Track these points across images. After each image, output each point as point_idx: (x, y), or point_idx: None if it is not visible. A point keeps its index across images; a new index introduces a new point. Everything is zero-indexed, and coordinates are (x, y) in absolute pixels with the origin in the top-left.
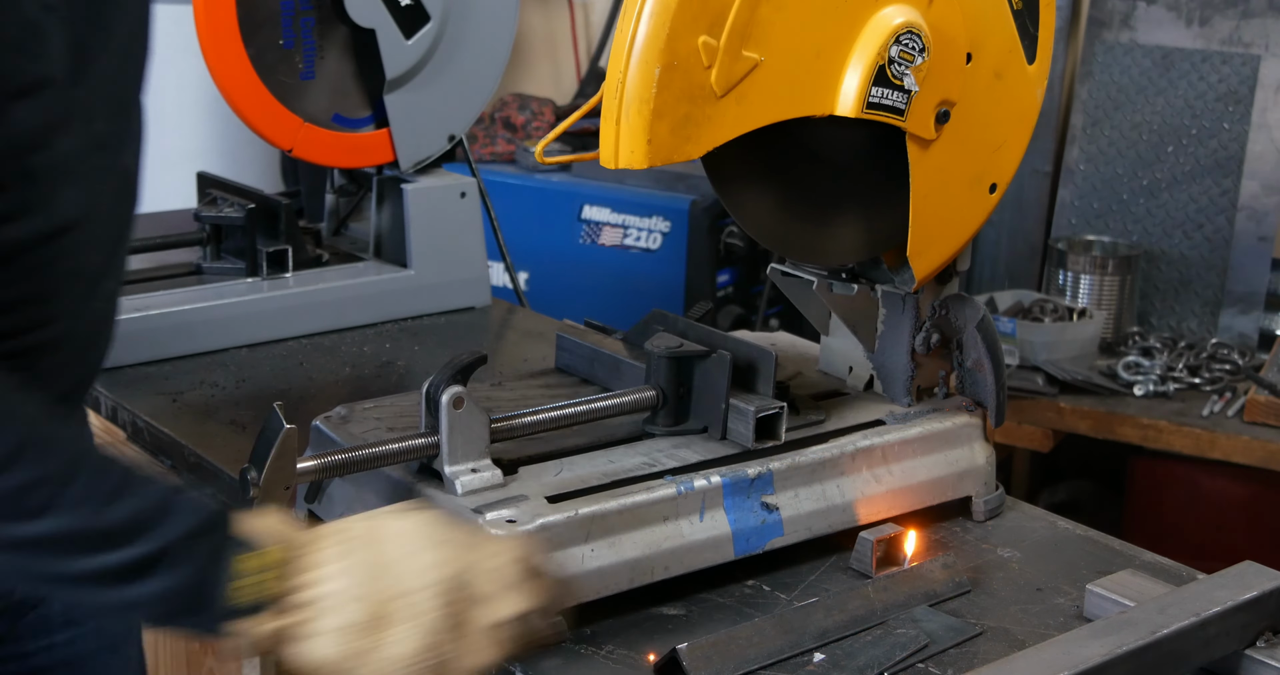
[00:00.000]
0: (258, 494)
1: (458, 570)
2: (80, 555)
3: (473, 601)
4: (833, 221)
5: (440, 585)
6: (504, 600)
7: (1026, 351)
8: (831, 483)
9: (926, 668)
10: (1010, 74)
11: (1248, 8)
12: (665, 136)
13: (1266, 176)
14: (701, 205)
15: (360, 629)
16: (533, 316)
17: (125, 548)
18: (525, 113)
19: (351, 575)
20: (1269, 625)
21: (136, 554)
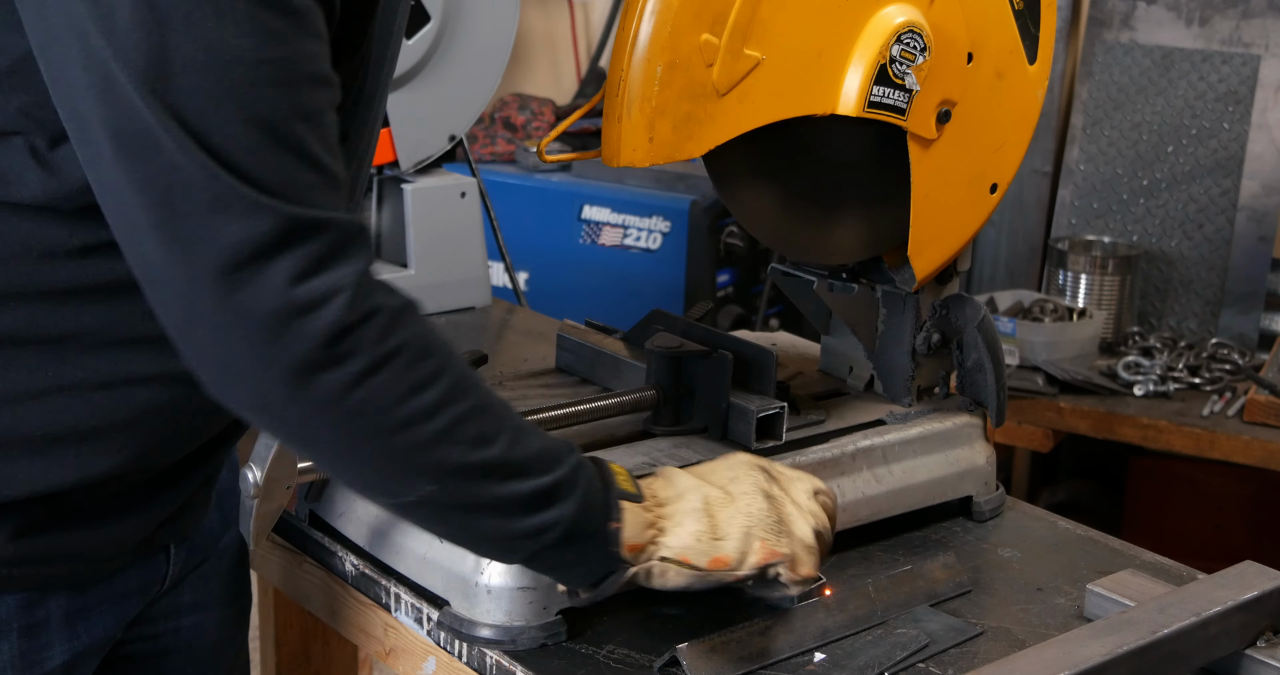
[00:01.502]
0: (258, 494)
1: (770, 471)
2: (507, 481)
3: (787, 486)
4: (833, 221)
5: (760, 473)
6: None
7: (1026, 351)
8: (832, 483)
9: (927, 668)
10: (1011, 74)
11: (1248, 8)
12: (667, 135)
13: (1266, 176)
14: (702, 205)
15: (713, 512)
16: (533, 316)
17: (540, 477)
18: (525, 113)
19: (688, 476)
20: (1269, 625)
21: (547, 483)
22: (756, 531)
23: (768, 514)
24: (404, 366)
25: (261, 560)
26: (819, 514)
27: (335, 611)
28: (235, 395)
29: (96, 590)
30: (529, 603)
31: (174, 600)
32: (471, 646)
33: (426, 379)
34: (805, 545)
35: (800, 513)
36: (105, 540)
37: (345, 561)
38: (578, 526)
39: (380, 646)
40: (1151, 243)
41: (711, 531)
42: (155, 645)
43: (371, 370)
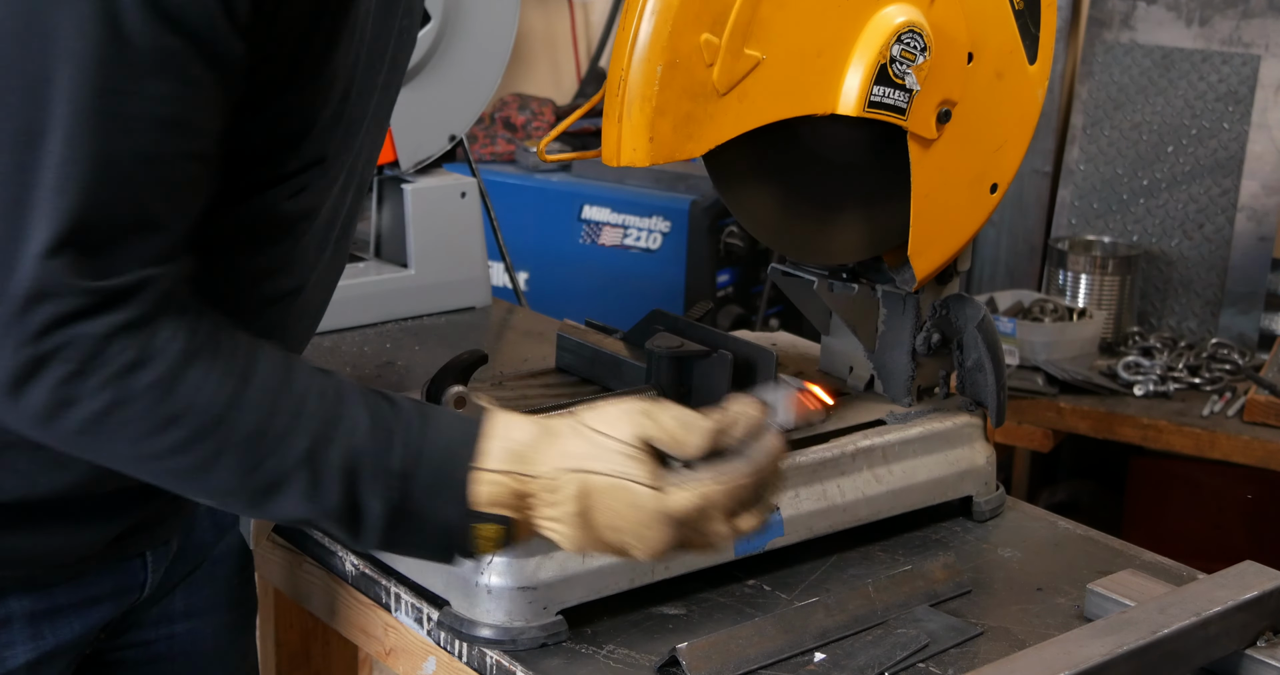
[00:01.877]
0: None
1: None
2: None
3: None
4: (834, 221)
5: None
6: (727, 540)
7: (1026, 351)
8: (832, 482)
9: (927, 668)
10: (1011, 74)
11: (1248, 8)
12: (667, 134)
13: (1266, 176)
14: (702, 205)
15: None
16: (533, 316)
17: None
18: (525, 113)
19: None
20: (1269, 625)
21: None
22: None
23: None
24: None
25: (261, 560)
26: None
27: (335, 611)
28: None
29: (65, 592)
30: (529, 603)
31: (166, 608)
32: (471, 646)
33: (164, 422)
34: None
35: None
36: (63, 546)
37: (345, 561)
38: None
39: (380, 646)
40: (1151, 243)
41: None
42: (147, 651)
43: (104, 412)
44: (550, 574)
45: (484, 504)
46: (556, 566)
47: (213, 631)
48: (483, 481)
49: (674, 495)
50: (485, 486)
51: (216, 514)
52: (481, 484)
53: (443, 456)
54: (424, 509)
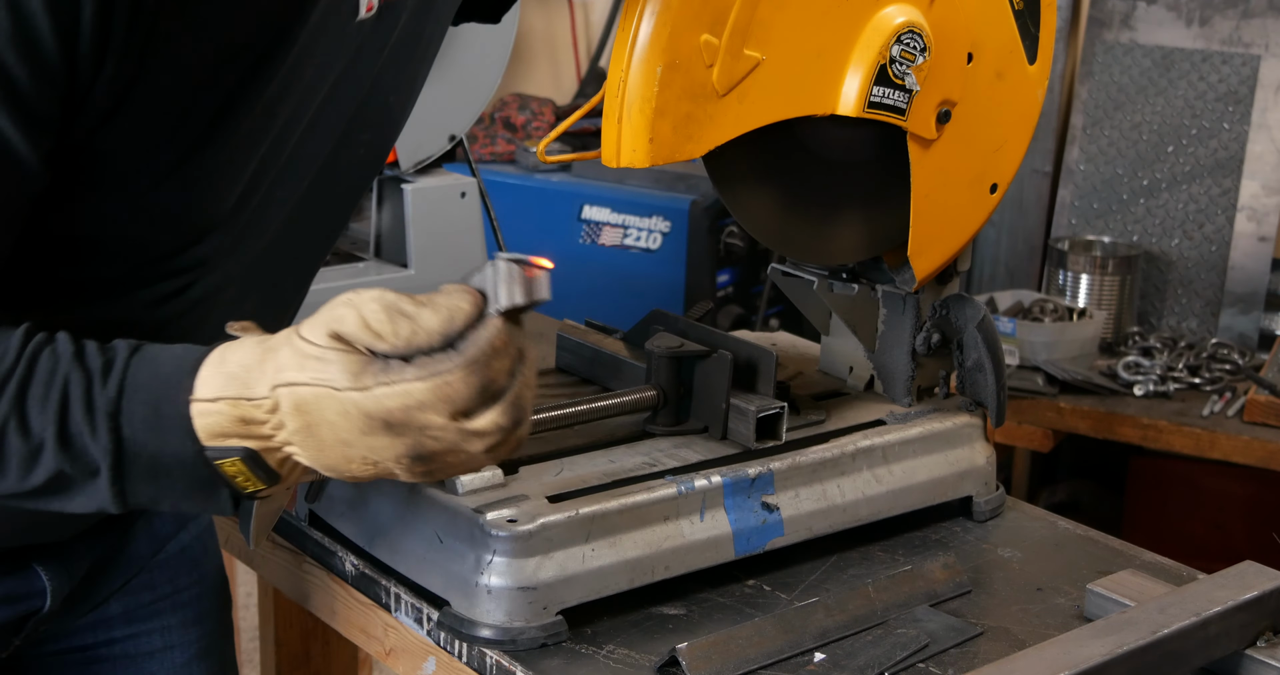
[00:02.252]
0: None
1: (410, 442)
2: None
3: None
4: (833, 221)
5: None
6: (473, 445)
7: (1026, 351)
8: (832, 482)
9: (927, 668)
10: (1011, 74)
11: (1248, 8)
12: (667, 135)
13: (1266, 176)
14: (702, 205)
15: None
16: (533, 316)
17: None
18: (525, 113)
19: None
20: (1269, 625)
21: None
22: (414, 479)
23: (424, 477)
24: None
25: (261, 560)
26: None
27: (335, 611)
28: None
29: None
30: (529, 603)
31: (102, 614)
32: (471, 646)
33: None
34: (481, 464)
35: (474, 461)
36: None
37: (345, 561)
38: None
39: (380, 646)
40: (1151, 243)
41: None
42: (86, 656)
43: None
44: (550, 574)
45: (211, 436)
46: (556, 566)
47: (160, 637)
48: (200, 413)
49: (376, 394)
50: (203, 418)
51: (153, 526)
52: (200, 416)
53: (152, 389)
54: (150, 448)
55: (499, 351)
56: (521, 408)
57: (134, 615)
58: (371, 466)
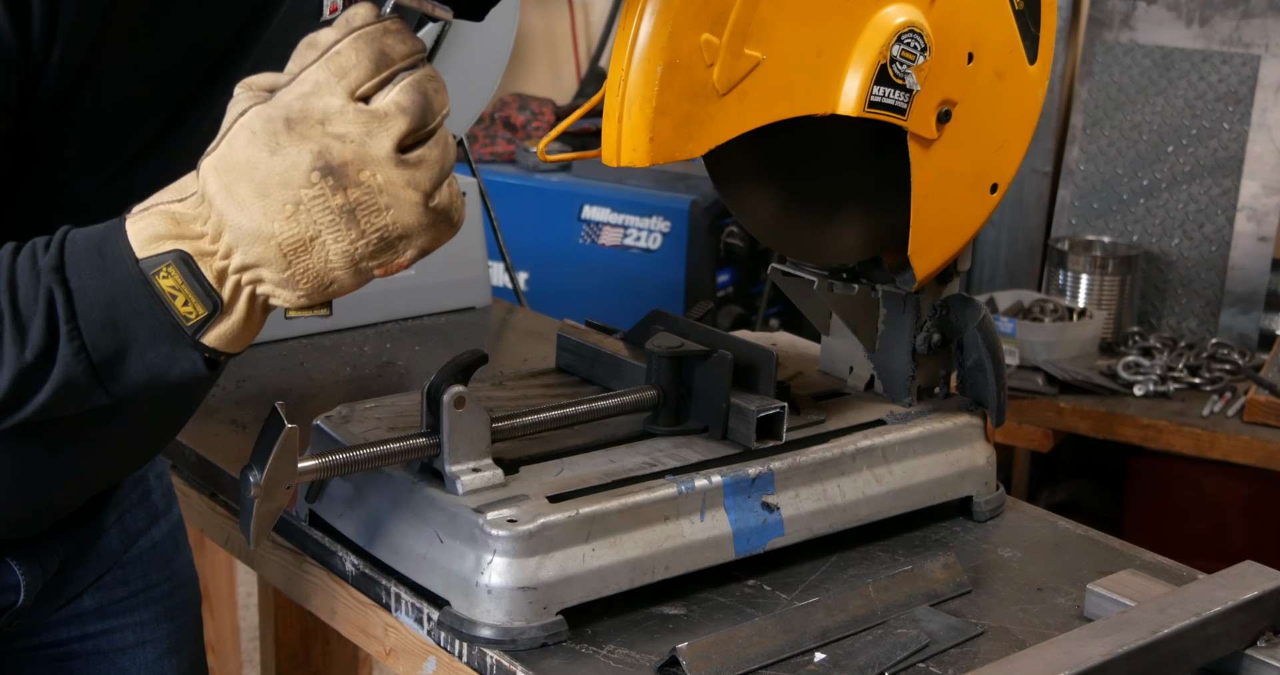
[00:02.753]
0: (258, 494)
1: (315, 147)
2: None
3: (354, 162)
4: (834, 221)
5: (309, 174)
6: (380, 140)
7: (1026, 351)
8: (832, 482)
9: (927, 668)
10: (1011, 74)
11: (1248, 8)
12: (667, 134)
13: (1266, 176)
14: (702, 205)
15: (295, 261)
16: (533, 316)
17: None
18: (525, 113)
19: (244, 227)
20: (1269, 625)
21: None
22: (365, 263)
23: (364, 239)
24: None
25: (261, 560)
26: (419, 177)
27: (335, 611)
28: None
29: None
30: (529, 603)
31: (75, 609)
32: (471, 646)
33: None
34: (425, 227)
35: (399, 196)
36: None
37: (345, 561)
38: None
39: (380, 646)
40: (1151, 243)
41: (315, 281)
42: (59, 651)
43: None
44: (550, 574)
45: (145, 242)
46: (557, 566)
47: (133, 633)
48: (134, 226)
49: (277, 95)
50: (136, 225)
51: (125, 522)
52: (134, 228)
53: (92, 238)
54: (101, 290)
55: (390, 30)
56: (424, 94)
57: (107, 611)
58: (293, 214)
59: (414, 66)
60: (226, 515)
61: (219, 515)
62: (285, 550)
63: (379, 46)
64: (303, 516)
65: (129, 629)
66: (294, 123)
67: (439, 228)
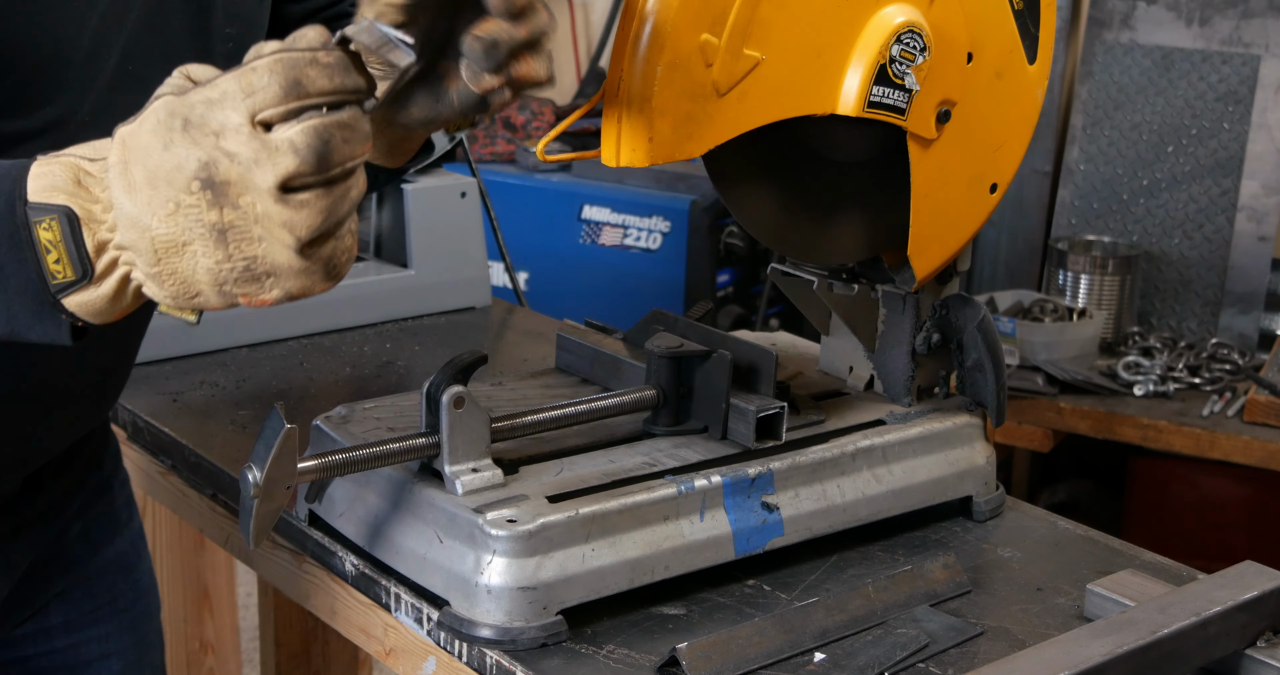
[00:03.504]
0: (258, 494)
1: (203, 156)
2: None
3: (235, 184)
4: (833, 221)
5: (190, 182)
6: (265, 171)
7: (1026, 351)
8: (832, 482)
9: (927, 668)
10: (1011, 74)
11: (1248, 8)
12: (667, 135)
13: (1266, 176)
14: (701, 205)
15: (165, 259)
16: (533, 316)
17: None
18: (525, 113)
19: (126, 210)
20: (1269, 625)
21: None
22: (229, 288)
23: (229, 263)
24: None
25: (261, 560)
26: (296, 220)
27: (335, 611)
28: None
29: None
30: (529, 603)
31: (42, 623)
32: (471, 646)
33: None
34: (295, 272)
35: (272, 232)
36: None
37: (345, 561)
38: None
39: (380, 646)
40: (1151, 243)
41: (181, 286)
42: (27, 668)
43: None
44: (550, 574)
45: (41, 188)
46: (556, 566)
47: (98, 645)
48: (40, 167)
49: (188, 94)
50: (41, 169)
51: (90, 530)
52: (37, 171)
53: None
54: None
55: (319, 61)
56: (324, 140)
57: (74, 624)
58: (172, 213)
59: (336, 106)
60: (226, 515)
61: (219, 515)
62: (285, 550)
63: (295, 75)
64: (302, 516)
65: (94, 642)
66: (190, 126)
67: (311, 276)
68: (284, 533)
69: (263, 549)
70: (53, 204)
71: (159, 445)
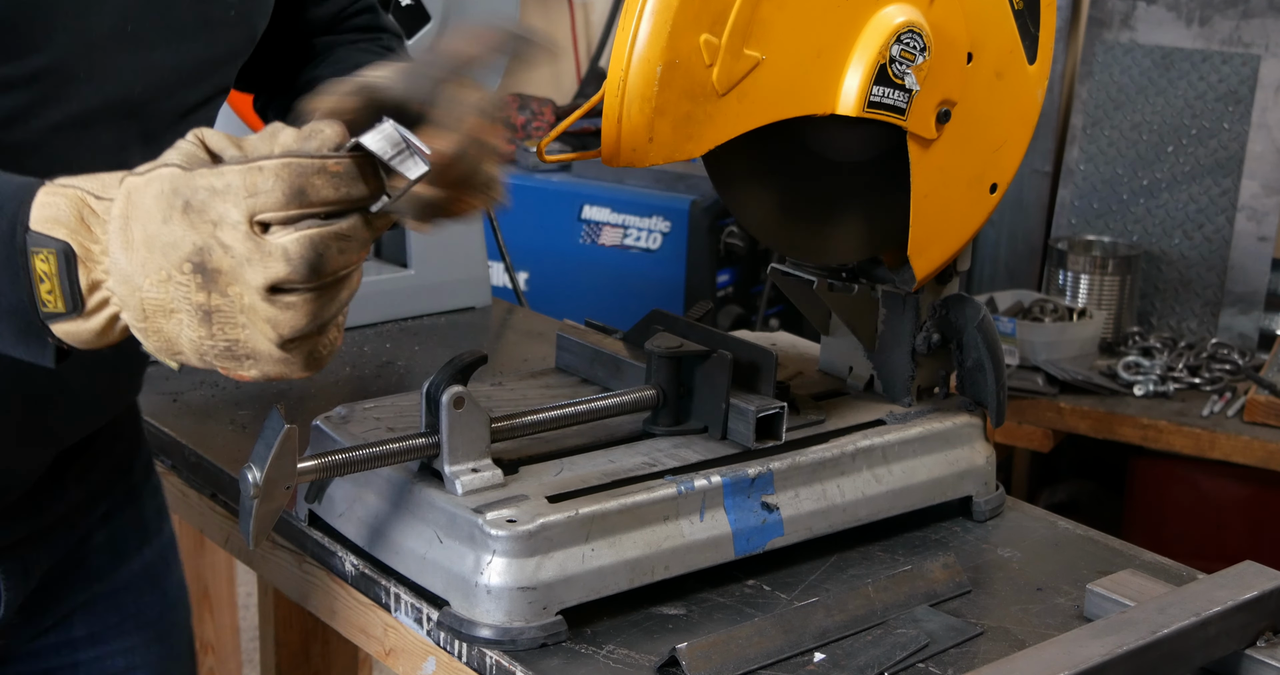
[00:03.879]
0: (258, 494)
1: (199, 241)
2: None
3: (226, 274)
4: (833, 221)
5: (183, 262)
6: (256, 271)
7: (1026, 351)
8: (832, 482)
9: (927, 668)
10: (1011, 74)
11: (1248, 8)
12: (667, 135)
13: (1266, 176)
14: (701, 205)
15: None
16: (533, 316)
17: None
18: (525, 113)
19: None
20: (1269, 625)
21: None
22: (210, 359)
23: (212, 341)
24: None
25: (261, 560)
26: (281, 319)
27: (335, 611)
28: None
29: None
30: (529, 603)
31: (65, 634)
32: (471, 646)
33: None
34: (274, 360)
35: (257, 325)
36: None
37: (345, 561)
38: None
39: (380, 646)
40: (1151, 243)
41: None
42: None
43: None
44: (550, 574)
45: (44, 219)
46: (556, 566)
47: (123, 655)
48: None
49: (194, 173)
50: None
51: (116, 539)
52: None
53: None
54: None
55: (325, 170)
56: (318, 253)
57: (99, 637)
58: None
59: (337, 215)
60: (226, 515)
61: (219, 515)
62: (285, 550)
63: (301, 184)
64: (302, 517)
65: (120, 655)
66: (190, 209)
67: (290, 366)
68: (284, 533)
69: (263, 549)
70: (53, 237)
71: (159, 445)
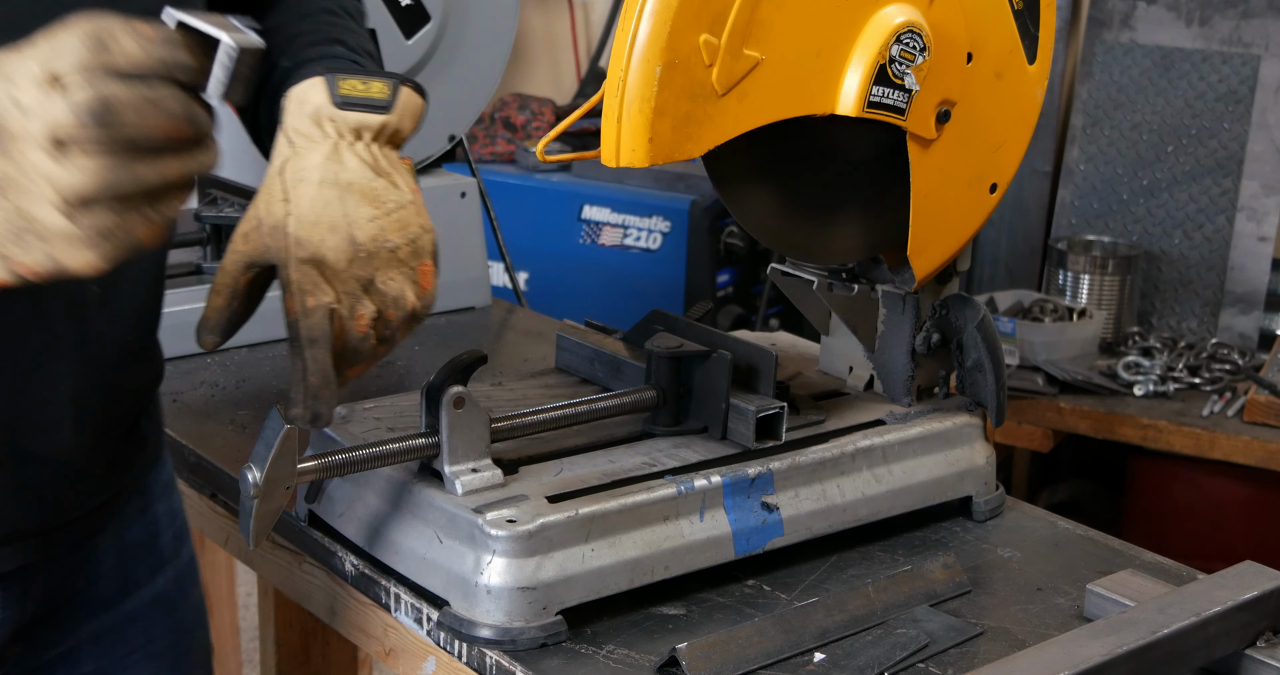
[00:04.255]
0: (257, 494)
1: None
2: None
3: (15, 136)
4: (833, 221)
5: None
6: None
7: (1026, 351)
8: (832, 482)
9: (927, 668)
10: (1011, 74)
11: (1248, 8)
12: (666, 135)
13: (1266, 176)
14: (701, 205)
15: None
16: (533, 316)
17: None
18: (525, 113)
19: None
20: (1269, 625)
21: None
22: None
23: (5, 218)
24: None
25: (261, 560)
26: (60, 177)
27: (335, 611)
28: None
29: None
30: (529, 603)
31: (72, 667)
32: (471, 646)
33: None
34: (60, 236)
35: (37, 184)
36: None
37: (345, 561)
38: None
39: (380, 646)
40: (1151, 243)
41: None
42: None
43: None
44: (550, 574)
45: None
46: (556, 566)
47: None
48: None
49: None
50: None
51: (125, 568)
52: None
53: None
54: None
55: (134, 30)
56: (105, 102)
57: (107, 671)
58: None
59: (143, 76)
60: (226, 515)
61: (219, 515)
62: (285, 550)
63: (103, 37)
64: (302, 517)
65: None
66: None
67: (77, 246)
68: (284, 533)
69: (262, 549)
70: None
71: None
